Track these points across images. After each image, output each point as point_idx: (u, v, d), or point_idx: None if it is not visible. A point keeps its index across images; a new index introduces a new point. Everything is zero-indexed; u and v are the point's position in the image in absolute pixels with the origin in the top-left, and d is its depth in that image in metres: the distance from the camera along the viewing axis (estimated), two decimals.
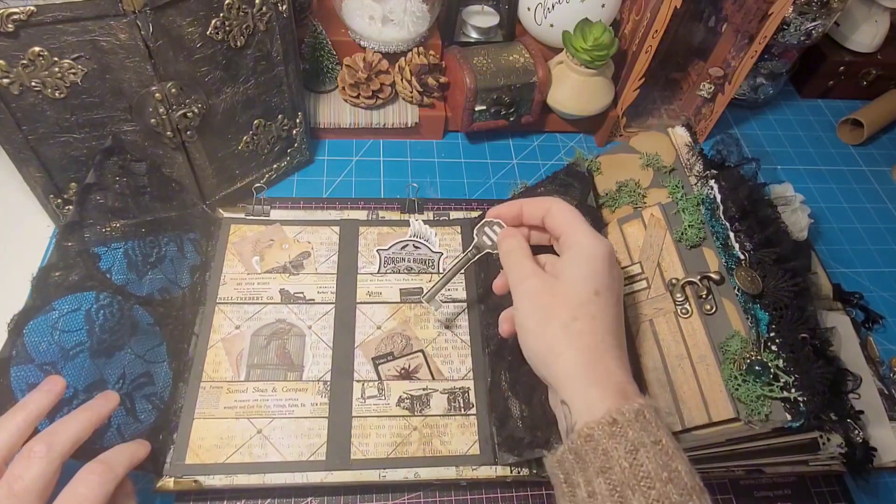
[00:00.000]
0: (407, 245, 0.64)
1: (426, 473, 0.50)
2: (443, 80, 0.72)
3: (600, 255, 0.44)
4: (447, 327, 0.58)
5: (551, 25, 0.72)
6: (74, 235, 0.49)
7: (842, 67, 0.89)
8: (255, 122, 0.62)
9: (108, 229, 0.52)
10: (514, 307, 0.45)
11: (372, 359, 0.56)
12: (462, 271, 0.54)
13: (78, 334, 0.46)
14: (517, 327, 0.44)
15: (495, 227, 0.51)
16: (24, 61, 0.46)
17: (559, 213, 0.47)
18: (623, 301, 0.45)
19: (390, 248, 0.63)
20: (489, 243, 0.52)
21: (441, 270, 0.62)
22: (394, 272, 0.62)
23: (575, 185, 0.58)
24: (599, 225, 0.54)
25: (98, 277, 0.49)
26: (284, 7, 0.55)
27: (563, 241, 0.46)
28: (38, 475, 0.37)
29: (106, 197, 0.52)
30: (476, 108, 0.71)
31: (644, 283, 0.51)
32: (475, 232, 0.53)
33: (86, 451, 0.41)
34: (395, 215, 0.66)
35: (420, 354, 0.57)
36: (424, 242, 0.64)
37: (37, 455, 0.37)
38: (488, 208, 0.67)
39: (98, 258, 0.50)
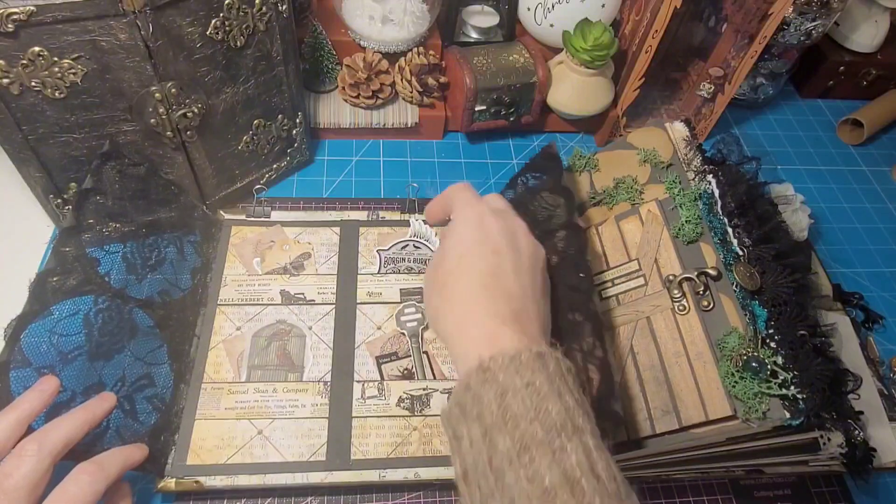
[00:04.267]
0: (407, 245, 0.64)
1: (426, 473, 0.50)
2: (443, 80, 0.72)
3: (466, 219, 0.47)
4: None
5: (551, 25, 0.72)
6: (72, 241, 0.49)
7: (842, 67, 0.89)
8: (255, 122, 0.62)
9: (109, 231, 0.52)
10: None
11: (376, 357, 0.56)
12: (421, 347, 0.58)
13: (76, 338, 0.46)
14: None
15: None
16: (24, 61, 0.46)
17: (448, 197, 0.51)
18: (522, 254, 0.46)
19: (390, 248, 0.63)
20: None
21: None
22: (394, 272, 0.62)
23: (550, 166, 0.57)
24: (573, 204, 0.53)
25: (96, 281, 0.49)
26: (284, 7, 0.55)
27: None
28: (28, 472, 0.37)
29: (105, 200, 0.52)
30: (476, 108, 0.71)
31: (641, 280, 0.51)
32: (398, 325, 0.59)
33: (84, 452, 0.41)
34: (395, 215, 0.66)
35: (424, 356, 0.57)
36: (425, 242, 0.64)
37: (27, 453, 0.38)
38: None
39: (97, 262, 0.50)
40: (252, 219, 0.64)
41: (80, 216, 0.50)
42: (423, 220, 0.65)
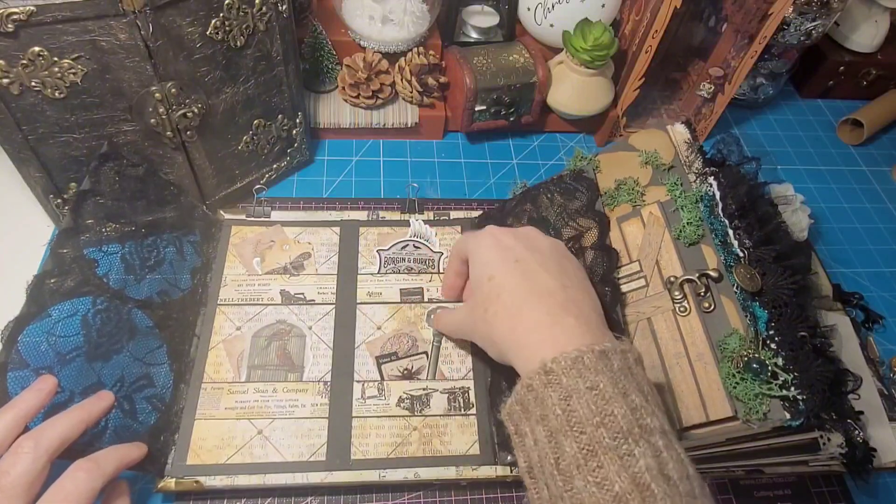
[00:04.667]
0: (407, 245, 0.64)
1: (426, 473, 0.50)
2: (443, 80, 0.72)
3: (481, 246, 0.48)
4: None
5: (551, 25, 0.72)
6: (70, 242, 0.49)
7: (842, 67, 0.89)
8: (255, 122, 0.62)
9: (107, 231, 0.52)
10: None
11: (376, 357, 0.56)
12: (441, 349, 0.58)
13: (75, 339, 0.46)
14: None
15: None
16: (24, 61, 0.46)
17: (455, 252, 0.55)
18: (543, 251, 0.47)
19: (390, 248, 0.63)
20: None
21: (441, 270, 0.62)
22: (394, 272, 0.62)
23: (581, 189, 0.57)
24: (607, 229, 0.54)
25: (94, 282, 0.49)
26: (284, 7, 0.55)
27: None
28: (24, 471, 0.37)
29: (103, 201, 0.52)
30: (476, 108, 0.71)
31: (642, 282, 0.51)
32: (427, 322, 0.59)
33: (82, 452, 0.41)
34: (395, 215, 0.66)
35: (424, 356, 0.57)
36: (425, 242, 0.64)
37: (24, 451, 0.38)
38: (488, 209, 0.68)
39: (95, 263, 0.50)
40: (252, 219, 0.64)
41: (78, 217, 0.50)
42: (424, 221, 0.65)
